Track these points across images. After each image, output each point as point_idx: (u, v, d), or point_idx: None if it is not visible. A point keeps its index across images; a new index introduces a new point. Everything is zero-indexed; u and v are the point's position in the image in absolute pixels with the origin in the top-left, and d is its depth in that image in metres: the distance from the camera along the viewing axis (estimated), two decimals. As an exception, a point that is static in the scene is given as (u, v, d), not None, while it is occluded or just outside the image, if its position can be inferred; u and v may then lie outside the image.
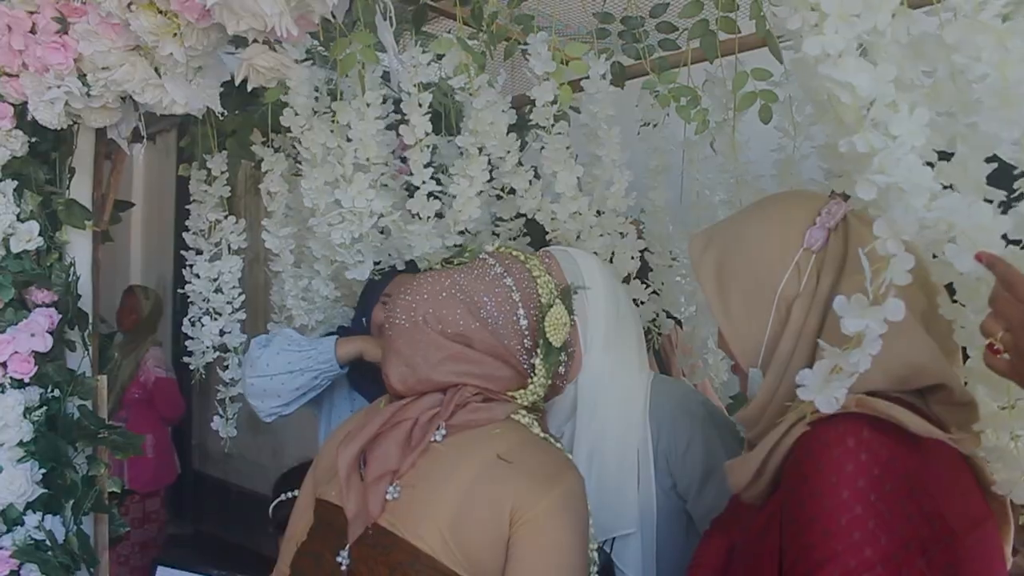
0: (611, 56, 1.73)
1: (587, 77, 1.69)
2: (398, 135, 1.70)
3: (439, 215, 1.70)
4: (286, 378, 1.72)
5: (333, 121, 1.66)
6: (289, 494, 1.65)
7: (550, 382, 1.28)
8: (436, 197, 1.67)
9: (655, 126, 1.80)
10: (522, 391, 1.24)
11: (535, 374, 1.25)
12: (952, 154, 0.89)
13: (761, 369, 1.08)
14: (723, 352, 1.29)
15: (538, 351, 1.25)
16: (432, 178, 1.66)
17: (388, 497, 1.14)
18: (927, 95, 0.81)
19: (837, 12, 0.82)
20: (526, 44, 1.65)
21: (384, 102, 1.67)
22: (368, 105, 1.62)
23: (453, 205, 1.67)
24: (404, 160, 1.74)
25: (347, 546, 1.14)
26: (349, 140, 1.64)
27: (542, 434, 1.21)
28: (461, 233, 1.71)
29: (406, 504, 1.14)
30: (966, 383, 1.03)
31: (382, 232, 1.76)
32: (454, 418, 1.17)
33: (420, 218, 1.67)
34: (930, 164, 0.88)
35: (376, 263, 1.78)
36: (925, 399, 1.00)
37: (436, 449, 1.16)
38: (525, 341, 1.24)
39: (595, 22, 1.76)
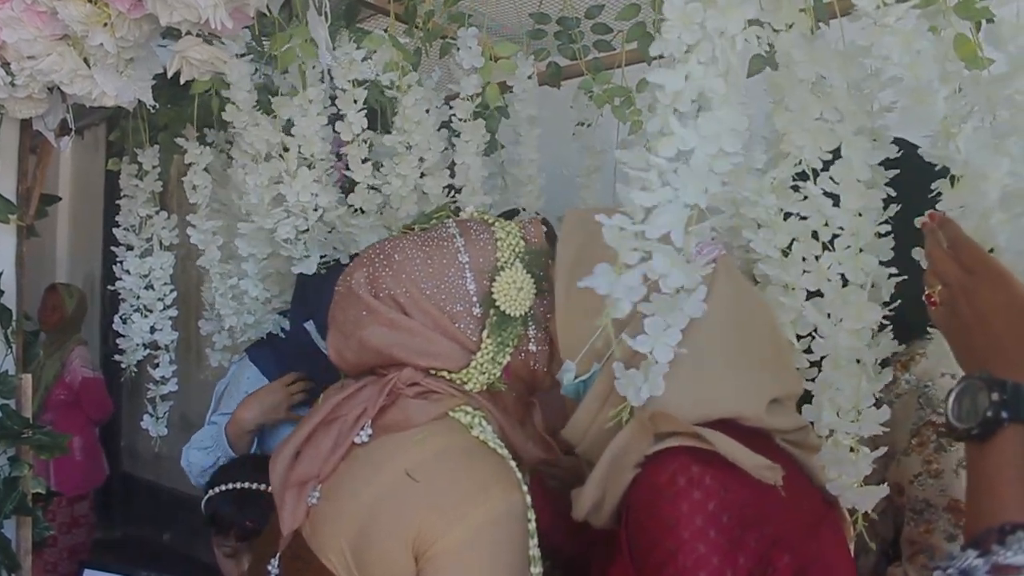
0: (547, 56, 1.76)
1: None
2: (335, 131, 1.69)
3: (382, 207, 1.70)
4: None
5: (273, 117, 1.64)
6: (220, 487, 1.63)
7: (505, 361, 1.10)
8: (376, 190, 1.67)
9: (589, 126, 1.83)
10: (465, 370, 1.08)
11: (481, 349, 1.08)
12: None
13: (577, 366, 1.04)
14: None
15: (488, 321, 1.08)
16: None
17: (310, 502, 1.05)
18: (819, 100, 0.85)
19: (679, 18, 0.83)
20: (462, 42, 1.66)
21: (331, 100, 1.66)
22: (311, 102, 1.60)
23: (390, 203, 1.66)
24: (339, 156, 1.74)
25: (278, 554, 1.07)
26: (291, 136, 1.62)
27: (483, 436, 1.05)
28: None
29: (320, 516, 1.04)
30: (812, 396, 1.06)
31: (328, 227, 1.73)
32: (384, 417, 1.05)
33: (363, 212, 1.66)
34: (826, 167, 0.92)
35: (321, 257, 1.76)
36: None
37: (357, 454, 1.05)
38: (475, 309, 1.09)
39: (532, 23, 1.78)
